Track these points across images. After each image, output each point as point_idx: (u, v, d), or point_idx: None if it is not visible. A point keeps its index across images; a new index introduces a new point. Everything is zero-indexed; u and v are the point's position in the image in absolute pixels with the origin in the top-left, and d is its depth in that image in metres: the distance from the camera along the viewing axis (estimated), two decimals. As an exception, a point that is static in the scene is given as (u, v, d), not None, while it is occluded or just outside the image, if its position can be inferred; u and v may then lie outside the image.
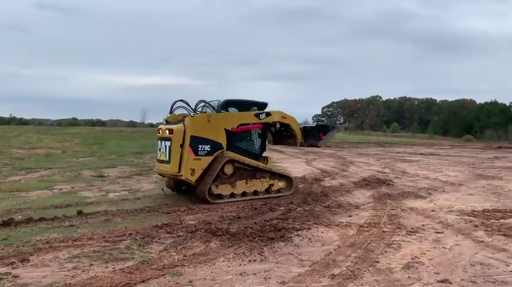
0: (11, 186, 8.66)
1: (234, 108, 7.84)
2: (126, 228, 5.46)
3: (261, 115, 7.92)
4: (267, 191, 7.85)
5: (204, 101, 7.68)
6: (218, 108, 7.65)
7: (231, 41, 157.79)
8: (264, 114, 7.96)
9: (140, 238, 4.99)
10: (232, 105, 7.86)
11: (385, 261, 4.35)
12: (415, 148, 26.08)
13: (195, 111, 7.56)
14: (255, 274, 3.93)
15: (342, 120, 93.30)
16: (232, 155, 7.47)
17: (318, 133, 9.60)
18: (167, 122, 7.67)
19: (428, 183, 10.03)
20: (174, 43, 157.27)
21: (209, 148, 7.21)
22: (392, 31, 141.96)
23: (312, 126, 10.27)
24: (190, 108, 7.55)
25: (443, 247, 4.86)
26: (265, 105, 8.15)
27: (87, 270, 3.95)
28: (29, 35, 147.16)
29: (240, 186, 7.53)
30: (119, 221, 5.85)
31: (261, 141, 8.09)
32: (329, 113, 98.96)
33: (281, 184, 8.06)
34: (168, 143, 7.20)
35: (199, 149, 7.12)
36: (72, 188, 8.60)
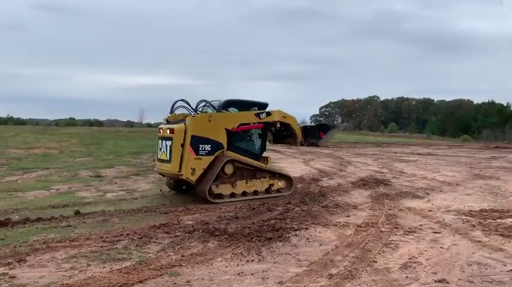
0: (8, 186, 8.64)
1: (234, 109, 7.85)
2: (123, 228, 5.45)
3: (261, 115, 7.93)
4: (267, 191, 7.87)
5: (205, 100, 7.68)
6: (219, 108, 7.66)
7: (229, 41, 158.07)
8: (264, 113, 7.97)
9: (138, 238, 4.98)
10: (233, 106, 7.86)
11: (383, 261, 4.35)
12: (413, 148, 26.13)
13: (196, 111, 7.56)
14: (252, 274, 3.93)
15: (340, 121, 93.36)
16: (232, 155, 7.48)
17: (318, 132, 9.61)
18: (168, 121, 7.68)
19: (425, 183, 10.05)
20: (172, 43, 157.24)
21: (210, 147, 7.22)
22: (390, 31, 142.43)
23: (312, 125, 10.28)
24: (190, 108, 7.55)
25: (441, 247, 4.87)
26: (265, 106, 8.16)
27: (84, 270, 3.94)
28: (27, 35, 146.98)
29: (240, 186, 7.54)
30: (116, 221, 5.84)
31: (261, 141, 8.11)
32: (327, 113, 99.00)
33: (281, 183, 8.07)
34: (169, 142, 7.21)
35: (200, 148, 7.13)
36: (69, 188, 8.59)
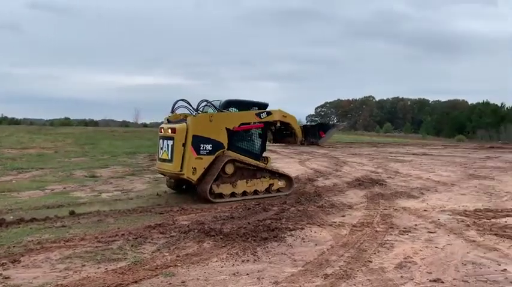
0: (2, 186, 8.58)
1: (234, 109, 7.88)
2: (118, 228, 5.43)
3: (262, 114, 7.98)
4: (267, 191, 7.89)
5: (206, 100, 7.70)
6: (220, 108, 7.68)
7: (225, 41, 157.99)
8: (265, 113, 8.02)
9: (133, 238, 4.97)
10: (234, 106, 7.90)
11: (378, 261, 4.36)
12: (408, 148, 26.23)
13: (197, 110, 7.57)
14: (248, 274, 3.93)
15: (336, 121, 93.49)
16: (233, 155, 7.51)
17: (318, 132, 9.65)
18: (169, 121, 7.71)
19: (420, 183, 10.09)
20: (168, 43, 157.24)
21: (211, 147, 7.25)
22: (386, 32, 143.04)
23: (312, 124, 10.33)
24: (191, 108, 7.57)
25: (436, 247, 4.89)
26: (266, 106, 8.21)
27: (79, 271, 3.92)
28: (22, 35, 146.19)
29: (241, 185, 7.56)
30: (111, 222, 5.82)
31: (261, 141, 8.15)
32: (322, 113, 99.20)
33: (281, 183, 8.11)
34: (170, 142, 7.23)
35: (201, 148, 7.16)
36: (64, 189, 8.54)
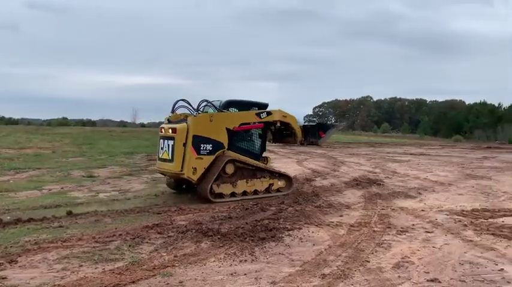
0: (0, 186, 8.55)
1: (235, 109, 7.91)
2: (116, 228, 5.42)
3: (262, 114, 8.01)
4: (266, 191, 7.91)
5: (206, 100, 7.71)
6: (220, 108, 7.71)
7: (223, 41, 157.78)
8: (265, 113, 8.05)
9: (130, 238, 4.96)
10: (234, 106, 7.92)
11: (376, 261, 4.37)
12: (405, 148, 26.27)
13: (197, 110, 7.58)
14: (245, 274, 3.93)
15: (333, 120, 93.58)
16: (233, 155, 7.53)
17: (318, 131, 9.67)
18: (169, 121, 7.73)
19: (418, 183, 10.11)
20: (166, 43, 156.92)
21: (211, 147, 7.27)
22: (383, 32, 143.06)
23: (312, 124, 10.34)
24: (192, 108, 7.58)
25: (433, 247, 4.90)
26: (266, 106, 8.24)
27: (76, 271, 3.92)
28: (19, 34, 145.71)
29: (241, 185, 7.58)
30: (109, 222, 5.81)
31: (261, 141, 8.19)
32: (320, 113, 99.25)
33: (280, 183, 8.13)
34: (171, 142, 7.24)
35: (202, 148, 7.17)
36: (61, 189, 8.52)
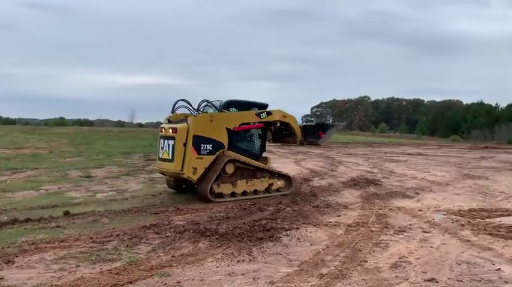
0: (-4, 186, 8.53)
1: (234, 109, 7.94)
2: (113, 229, 5.41)
3: (262, 114, 8.05)
4: (266, 191, 7.94)
5: (206, 100, 7.74)
6: (220, 108, 7.73)
7: (222, 41, 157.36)
8: (265, 113, 8.09)
9: (128, 238, 4.95)
10: (234, 106, 7.96)
11: (373, 260, 4.38)
12: (403, 148, 26.31)
13: (198, 110, 7.60)
14: (243, 274, 3.93)
15: (331, 121, 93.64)
16: (233, 155, 7.55)
17: (317, 131, 9.69)
18: (169, 121, 7.75)
19: (415, 183, 10.12)
20: (165, 43, 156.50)
21: (211, 147, 7.29)
22: (381, 32, 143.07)
23: (311, 124, 10.37)
24: (192, 108, 7.60)
25: (431, 246, 4.91)
26: (265, 106, 8.27)
27: (73, 271, 3.90)
28: (16, 34, 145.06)
29: (241, 185, 7.60)
30: (106, 222, 5.80)
31: (261, 141, 8.22)
32: (318, 113, 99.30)
33: (280, 183, 8.16)
34: (171, 141, 7.26)
35: (202, 148, 7.20)
36: (59, 189, 8.50)
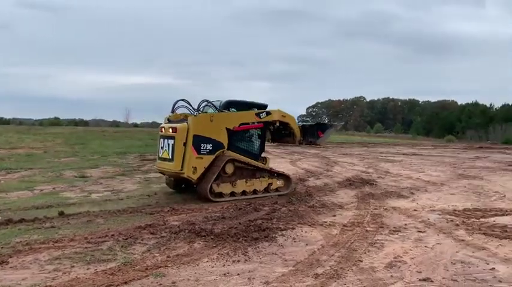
0: (-10, 187, 8.48)
1: (234, 109, 7.97)
2: (108, 229, 5.39)
3: (261, 114, 8.09)
4: (265, 190, 7.97)
5: (206, 100, 7.77)
6: (220, 108, 7.76)
7: (219, 41, 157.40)
8: (264, 113, 8.14)
9: (123, 239, 4.94)
10: (233, 106, 7.99)
11: (368, 260, 4.38)
12: (398, 148, 26.38)
13: (198, 110, 7.61)
14: (238, 274, 3.93)
15: (327, 121, 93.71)
16: (233, 155, 7.57)
17: (316, 131, 9.72)
18: (169, 121, 7.78)
19: (410, 183, 10.15)
20: (161, 43, 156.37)
21: (211, 147, 7.32)
22: (376, 33, 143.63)
23: (310, 124, 10.41)
24: (191, 108, 7.61)
25: (425, 246, 4.93)
26: (265, 107, 8.31)
27: (68, 272, 3.89)
28: (10, 33, 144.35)
29: (240, 185, 7.63)
30: (101, 222, 5.78)
31: (260, 141, 8.25)
32: (314, 114, 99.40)
33: (279, 183, 8.19)
34: (171, 141, 7.29)
35: (202, 147, 7.23)
36: (53, 189, 8.46)
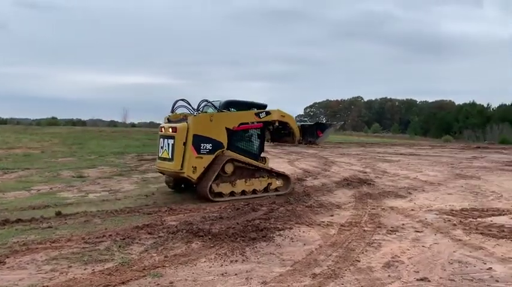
0: (-13, 187, 8.45)
1: (234, 109, 7.99)
2: (106, 229, 5.38)
3: (261, 114, 8.11)
4: (265, 190, 7.99)
5: (206, 100, 7.78)
6: (219, 108, 7.78)
7: (216, 41, 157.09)
8: (264, 113, 8.16)
9: (120, 239, 4.93)
10: (233, 106, 8.02)
11: (366, 260, 4.39)
12: (396, 148, 26.42)
13: (198, 110, 7.62)
14: (236, 275, 3.92)
15: (325, 121, 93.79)
16: (232, 155, 7.59)
17: (315, 131, 9.75)
18: (169, 120, 7.80)
19: (408, 183, 10.17)
20: (157, 42, 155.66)
21: (211, 146, 7.34)
22: (374, 33, 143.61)
23: (310, 124, 10.44)
24: (191, 108, 7.62)
25: (423, 246, 4.94)
26: (264, 107, 8.33)
27: (65, 272, 3.88)
28: (7, 33, 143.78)
29: (240, 185, 7.65)
30: (98, 222, 5.77)
31: (259, 141, 8.27)
32: (311, 114, 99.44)
33: (278, 182, 8.21)
34: (171, 141, 7.31)
35: (202, 147, 7.25)
36: (50, 189, 8.44)
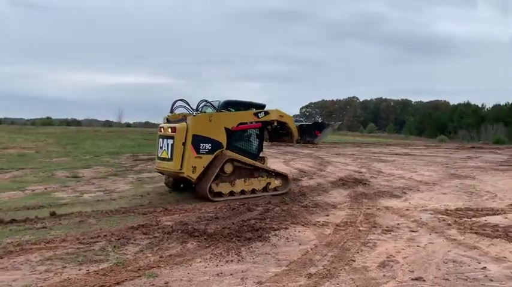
0: (-19, 187, 8.39)
1: (233, 109, 8.02)
2: (100, 229, 5.36)
3: (259, 114, 8.15)
4: (264, 190, 8.01)
5: (205, 100, 7.81)
6: (218, 108, 7.81)
7: (209, 41, 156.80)
8: (262, 113, 8.19)
9: (115, 239, 4.91)
10: (232, 106, 8.05)
11: (361, 260, 4.40)
12: (391, 148, 26.47)
13: (197, 110, 7.64)
14: (232, 275, 3.92)
15: (320, 121, 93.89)
16: (231, 155, 7.61)
17: (314, 131, 9.83)
18: (168, 120, 7.82)
19: (403, 182, 10.20)
20: (152, 42, 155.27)
21: (210, 146, 7.37)
22: (369, 33, 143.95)
23: (308, 124, 10.53)
24: (190, 108, 7.65)
25: (418, 245, 4.96)
26: (263, 107, 8.36)
27: (59, 273, 3.86)
28: (1, 33, 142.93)
29: (239, 184, 7.68)
30: (93, 223, 5.74)
31: (258, 141, 8.31)
32: (307, 114, 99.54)
33: (277, 182, 8.23)
34: (170, 141, 7.33)
35: (201, 147, 7.28)
36: (45, 189, 8.39)
